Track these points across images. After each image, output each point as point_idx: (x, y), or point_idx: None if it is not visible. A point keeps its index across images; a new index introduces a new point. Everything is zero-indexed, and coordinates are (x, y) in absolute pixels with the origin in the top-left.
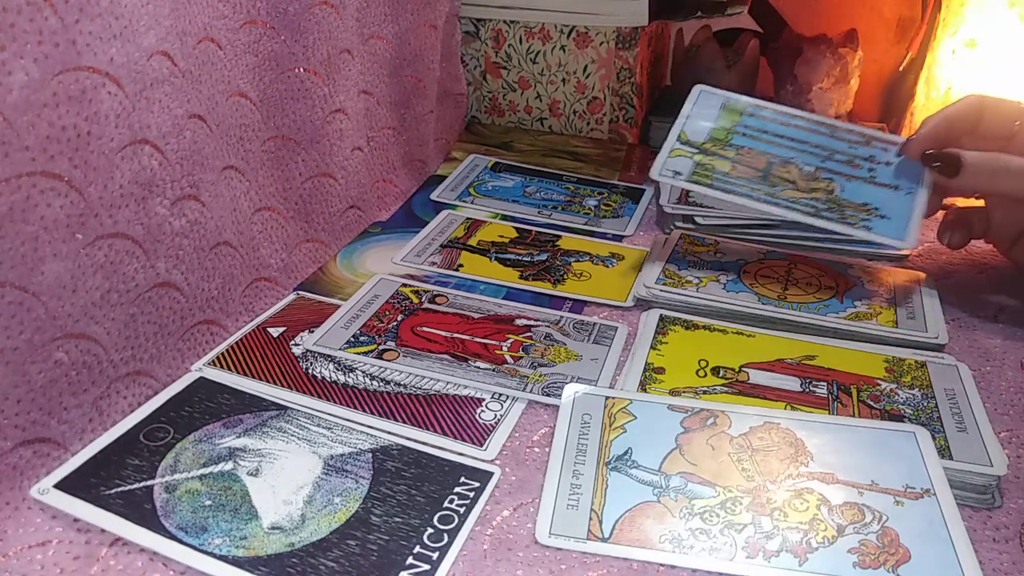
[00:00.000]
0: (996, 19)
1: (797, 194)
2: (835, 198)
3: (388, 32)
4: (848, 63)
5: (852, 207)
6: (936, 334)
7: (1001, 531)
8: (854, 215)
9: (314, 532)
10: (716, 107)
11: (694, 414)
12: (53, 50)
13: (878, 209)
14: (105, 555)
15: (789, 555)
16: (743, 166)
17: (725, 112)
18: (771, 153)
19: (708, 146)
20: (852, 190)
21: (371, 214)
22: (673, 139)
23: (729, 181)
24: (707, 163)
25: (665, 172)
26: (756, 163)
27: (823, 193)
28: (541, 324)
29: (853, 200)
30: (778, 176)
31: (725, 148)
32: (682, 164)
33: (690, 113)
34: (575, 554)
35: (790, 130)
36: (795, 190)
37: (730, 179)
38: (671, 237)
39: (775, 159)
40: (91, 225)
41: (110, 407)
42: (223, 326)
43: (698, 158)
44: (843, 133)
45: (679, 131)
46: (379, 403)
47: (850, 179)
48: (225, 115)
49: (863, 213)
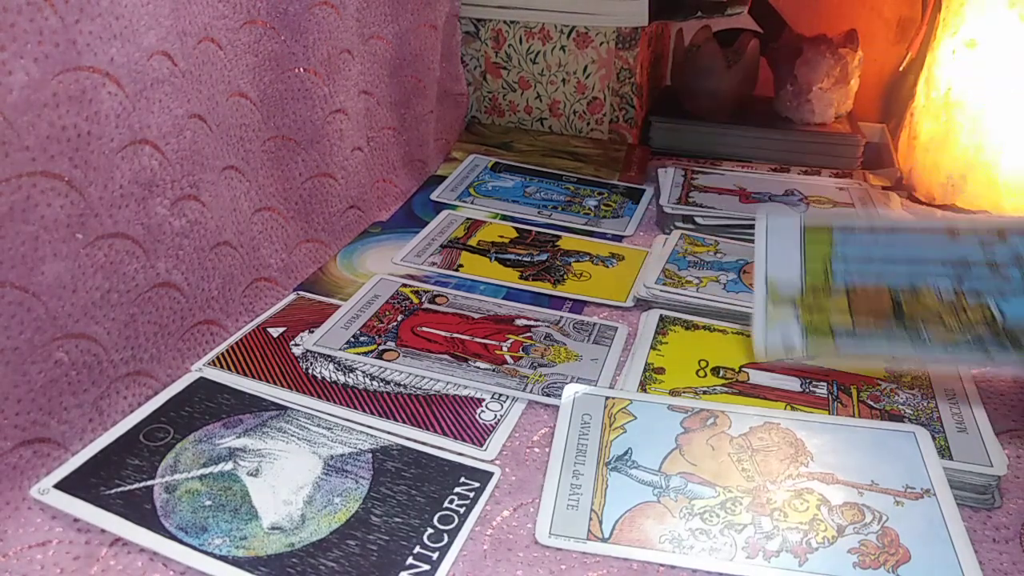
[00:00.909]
0: (996, 19)
1: (950, 334)
2: (999, 327)
3: (388, 32)
4: (848, 63)
5: None
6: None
7: (1001, 531)
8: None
9: (314, 532)
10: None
11: (694, 414)
12: (53, 50)
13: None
14: (105, 555)
15: (789, 555)
16: (864, 309)
17: (809, 240)
18: (890, 283)
19: (809, 300)
20: (1014, 309)
21: (371, 214)
22: (762, 301)
23: (859, 335)
24: (818, 317)
25: (774, 346)
26: (879, 306)
27: (981, 324)
28: (541, 324)
29: (1021, 319)
30: (915, 312)
31: (831, 296)
32: (790, 329)
33: (767, 253)
34: (575, 554)
35: (899, 247)
36: (943, 328)
37: (855, 334)
38: (671, 237)
39: (900, 289)
40: (91, 225)
41: (110, 407)
42: (223, 326)
43: (804, 315)
44: (965, 232)
45: (765, 287)
46: (379, 403)
47: (1004, 295)
48: (225, 115)
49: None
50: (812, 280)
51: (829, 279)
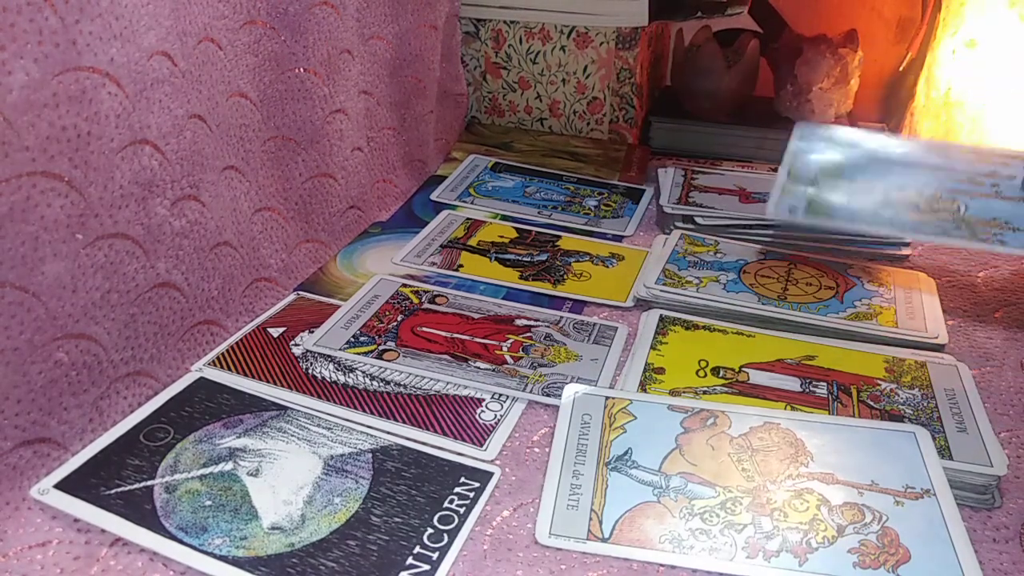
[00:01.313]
0: (996, 19)
1: (921, 216)
2: (962, 216)
3: (388, 32)
4: (848, 63)
5: (981, 223)
6: (936, 334)
7: (1001, 531)
8: (985, 231)
9: (314, 532)
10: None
11: (694, 414)
12: (53, 50)
13: (1009, 222)
14: (105, 555)
15: (789, 555)
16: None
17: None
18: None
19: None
20: (978, 207)
21: (371, 214)
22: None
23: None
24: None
25: (780, 209)
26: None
27: (948, 214)
28: (541, 324)
29: (981, 217)
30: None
31: (838, 181)
32: (796, 200)
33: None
34: (575, 554)
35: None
36: (918, 213)
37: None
38: (671, 237)
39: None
40: (91, 225)
41: (110, 407)
42: (223, 326)
43: (811, 192)
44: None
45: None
46: (379, 403)
47: (974, 196)
48: (225, 115)
49: (994, 228)
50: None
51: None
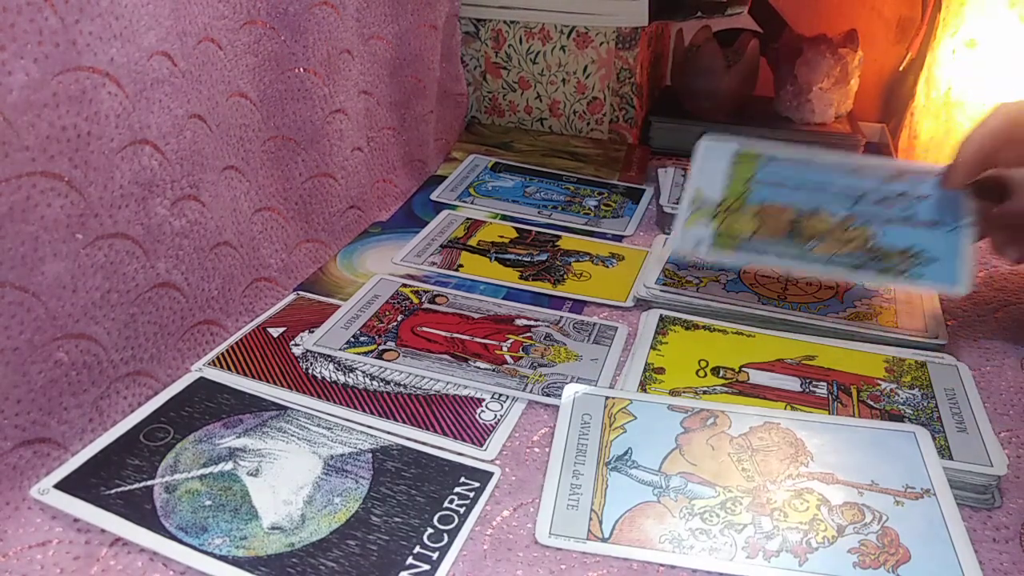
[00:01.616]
0: (996, 19)
1: (831, 249)
2: (874, 248)
3: (388, 32)
4: (848, 63)
5: (895, 255)
6: (936, 334)
7: (1001, 531)
8: (900, 263)
9: (314, 532)
10: (727, 159)
11: (694, 414)
12: (53, 50)
13: (923, 252)
14: (105, 555)
15: (789, 555)
16: (767, 224)
17: (738, 164)
18: (795, 205)
19: (725, 206)
20: (891, 236)
21: (371, 214)
22: (687, 205)
23: (755, 244)
24: (728, 227)
25: (685, 244)
26: (781, 218)
27: (860, 244)
28: (541, 324)
29: (894, 247)
30: (808, 230)
31: (745, 206)
32: (701, 233)
33: (700, 170)
34: (575, 554)
35: (811, 174)
36: (829, 243)
37: (755, 242)
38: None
39: (801, 211)
40: (91, 225)
41: (110, 407)
42: (223, 326)
43: (716, 223)
44: (869, 170)
45: (692, 194)
46: (379, 403)
47: (886, 223)
48: (225, 115)
49: (908, 261)
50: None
51: (747, 193)
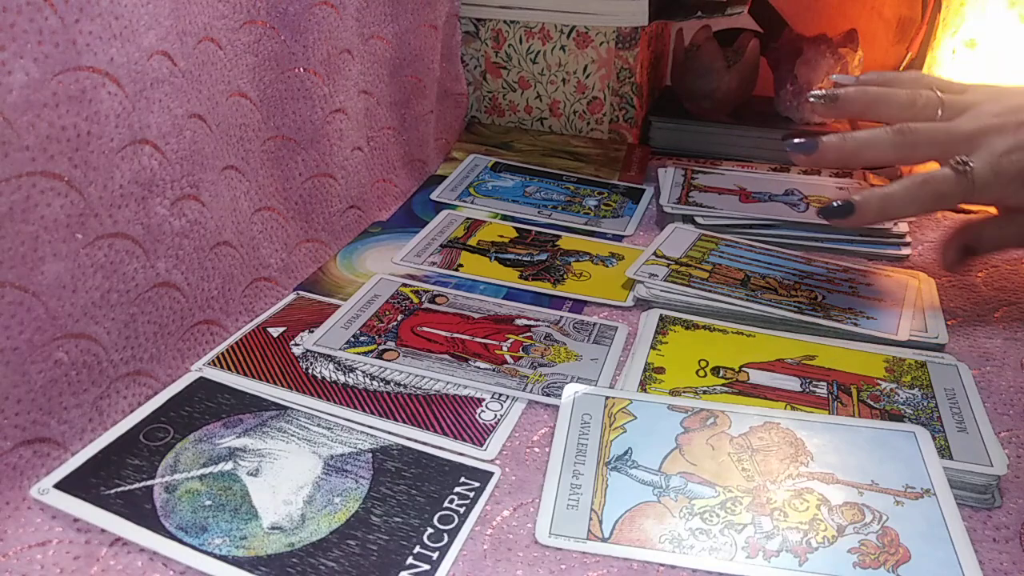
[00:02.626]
0: (996, 19)
1: (778, 298)
2: (818, 302)
3: (388, 32)
4: (848, 63)
5: (836, 309)
6: (936, 334)
7: (1001, 531)
8: (839, 315)
9: (314, 532)
10: (690, 239)
11: (694, 414)
12: (53, 50)
13: (863, 311)
14: (105, 555)
15: (789, 555)
16: (720, 276)
17: (699, 241)
18: (747, 269)
19: (684, 260)
20: (834, 299)
21: (371, 214)
22: (649, 253)
23: (707, 285)
24: (684, 271)
25: (641, 274)
26: (733, 275)
27: (805, 299)
28: (541, 324)
29: (837, 304)
30: (757, 284)
31: (702, 263)
32: (658, 270)
33: (665, 240)
34: (575, 554)
35: (766, 257)
36: (776, 295)
37: (708, 284)
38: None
39: (753, 273)
40: (91, 225)
41: (110, 407)
42: (223, 326)
43: (674, 267)
44: (819, 262)
45: (655, 249)
46: (379, 403)
47: (831, 292)
48: (225, 115)
49: (848, 315)
50: (692, 254)
51: (705, 256)
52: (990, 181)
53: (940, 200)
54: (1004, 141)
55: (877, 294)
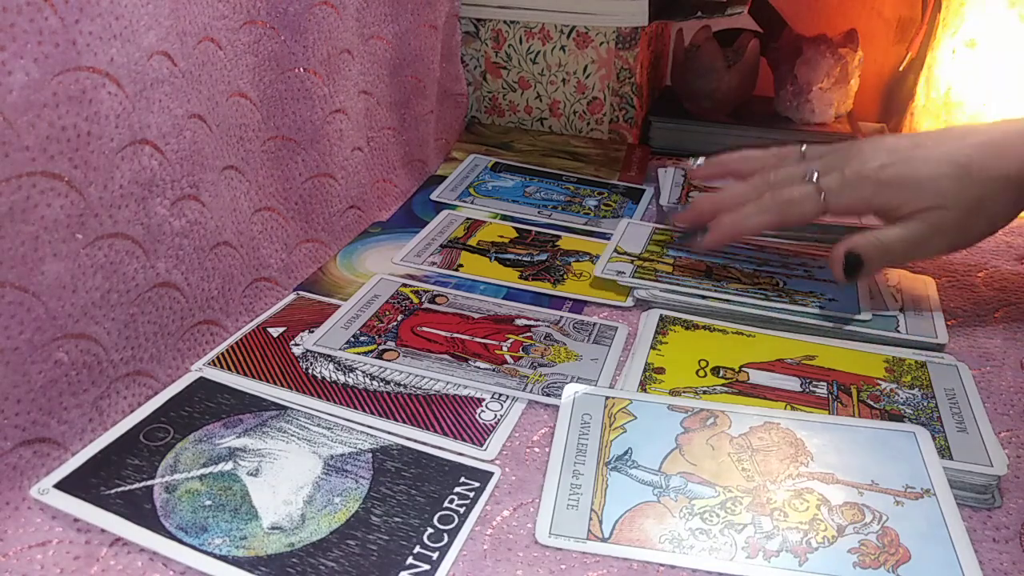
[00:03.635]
0: (996, 19)
1: (743, 287)
2: (782, 288)
3: (388, 32)
4: (848, 63)
5: (800, 294)
6: (936, 334)
7: (1001, 531)
8: (804, 299)
9: (314, 532)
10: (645, 236)
11: (694, 414)
12: (53, 50)
13: (824, 294)
14: (105, 555)
15: (789, 555)
16: (684, 269)
17: (655, 237)
18: (708, 260)
19: (645, 255)
20: (795, 284)
21: (371, 214)
22: (610, 250)
23: (673, 279)
24: (647, 266)
25: (608, 271)
26: (696, 267)
27: (769, 286)
28: (541, 324)
29: (799, 289)
30: (720, 275)
31: (663, 258)
32: (623, 267)
33: (622, 236)
34: (575, 554)
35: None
36: (740, 284)
37: (673, 277)
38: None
39: (714, 264)
40: (91, 225)
41: (110, 407)
42: (223, 326)
43: (638, 263)
44: (771, 251)
45: (613, 246)
46: (379, 403)
47: (790, 277)
48: (225, 115)
49: (811, 298)
50: (651, 249)
51: (664, 251)
52: (835, 188)
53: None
54: (849, 158)
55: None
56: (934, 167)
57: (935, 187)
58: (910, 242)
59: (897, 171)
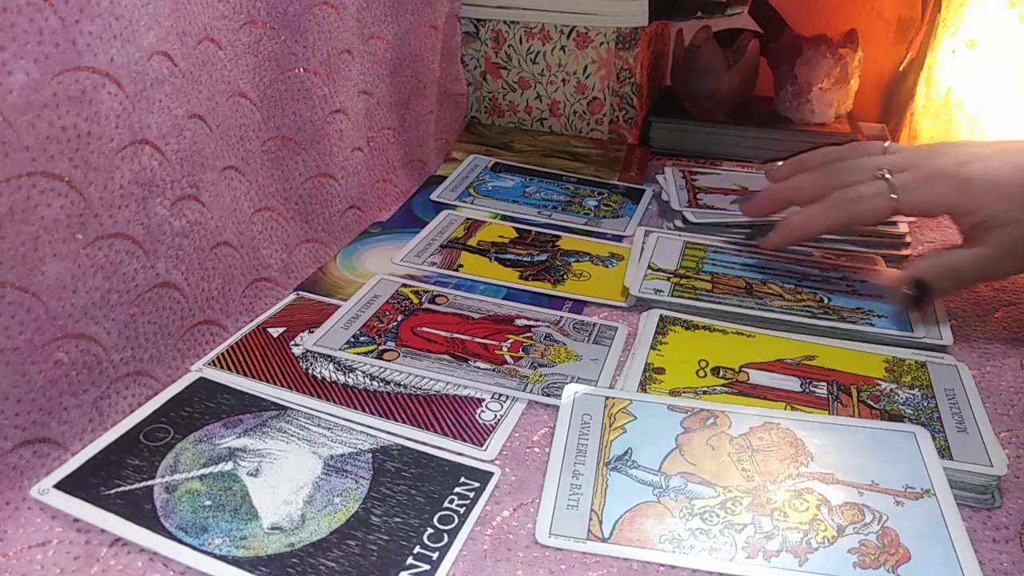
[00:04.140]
0: (996, 19)
1: (787, 303)
2: (827, 305)
3: (388, 32)
4: (848, 63)
5: (847, 311)
6: (941, 335)
7: (1001, 531)
8: (852, 316)
9: (314, 532)
10: (677, 248)
11: (694, 414)
12: (53, 50)
13: (872, 311)
14: (105, 555)
15: (789, 555)
16: (722, 286)
17: (687, 250)
18: (746, 276)
19: (681, 271)
20: (840, 300)
21: (371, 214)
22: (644, 266)
23: (714, 297)
24: (686, 283)
25: (646, 290)
26: (735, 283)
27: (813, 303)
28: (541, 324)
29: (846, 306)
30: (762, 291)
31: (700, 274)
32: (660, 285)
33: (654, 251)
34: (575, 554)
35: (755, 261)
36: (783, 301)
37: (714, 295)
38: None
39: (753, 280)
40: (91, 225)
41: (110, 407)
42: (223, 326)
43: (675, 280)
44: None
45: (647, 262)
46: (379, 403)
47: (833, 292)
48: (225, 115)
49: (859, 315)
50: (686, 264)
51: (700, 267)
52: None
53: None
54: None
55: (876, 290)
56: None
57: (1014, 193)
58: (982, 265)
59: (978, 169)
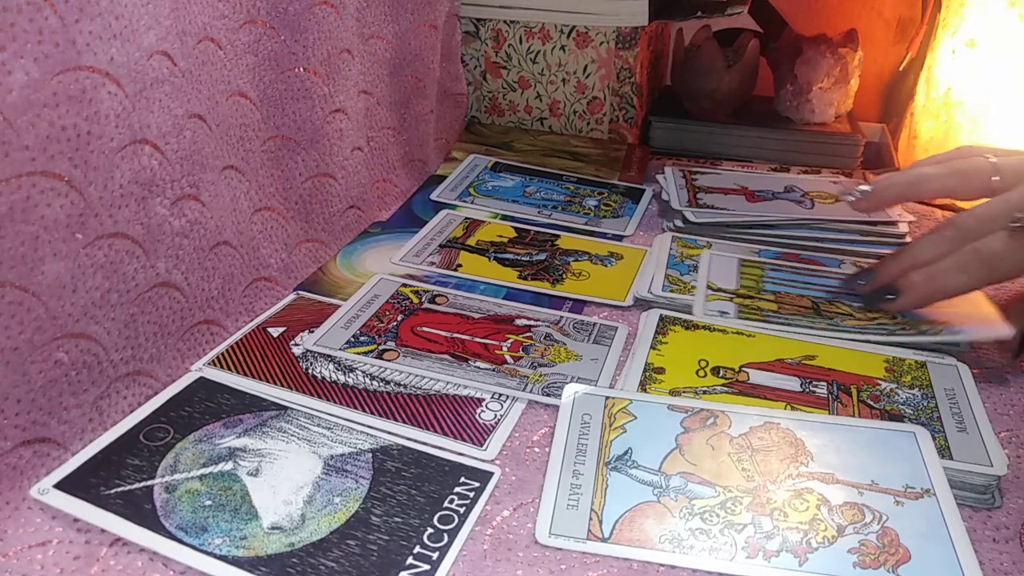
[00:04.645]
0: (996, 19)
1: (860, 323)
2: (901, 320)
3: (388, 32)
4: (848, 63)
5: (923, 322)
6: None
7: (1001, 531)
8: (928, 327)
9: (314, 532)
10: (734, 268)
11: (694, 414)
12: (53, 50)
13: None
14: (105, 555)
15: (789, 555)
16: (788, 305)
17: (744, 268)
18: (810, 294)
19: (742, 291)
20: (911, 314)
21: (371, 214)
22: (703, 286)
23: (781, 318)
24: (750, 304)
25: (710, 312)
26: (801, 302)
27: (886, 319)
28: (541, 324)
29: (919, 317)
30: (831, 312)
31: (762, 293)
32: (725, 307)
33: (710, 269)
34: (575, 554)
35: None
36: (854, 320)
37: (781, 316)
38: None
39: (819, 297)
40: (91, 225)
41: (110, 407)
42: (223, 326)
43: (738, 301)
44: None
45: (706, 281)
46: (379, 403)
47: None
48: (225, 115)
49: (936, 325)
50: (745, 284)
51: (760, 286)
52: None
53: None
54: None
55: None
56: None
57: None
58: None
59: None
